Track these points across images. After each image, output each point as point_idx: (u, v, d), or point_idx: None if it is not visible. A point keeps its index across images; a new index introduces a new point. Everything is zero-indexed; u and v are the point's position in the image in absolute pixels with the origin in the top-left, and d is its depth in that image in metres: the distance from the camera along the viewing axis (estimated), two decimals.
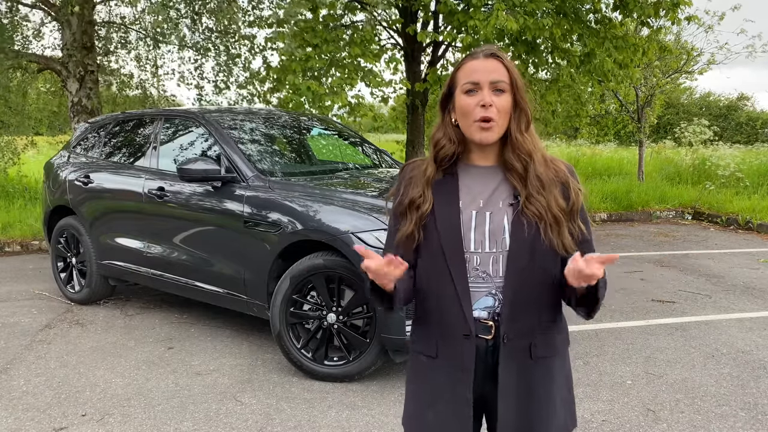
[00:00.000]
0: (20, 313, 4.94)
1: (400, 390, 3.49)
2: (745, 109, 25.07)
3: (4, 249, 7.45)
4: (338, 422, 3.10)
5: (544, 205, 1.46)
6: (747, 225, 8.85)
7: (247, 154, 4.25)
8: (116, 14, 10.43)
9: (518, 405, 1.50)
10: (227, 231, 4.01)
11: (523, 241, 1.46)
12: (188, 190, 4.27)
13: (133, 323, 4.68)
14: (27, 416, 3.18)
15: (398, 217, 1.56)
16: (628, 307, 5.02)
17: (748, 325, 4.56)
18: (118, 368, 3.80)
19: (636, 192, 10.38)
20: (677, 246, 7.70)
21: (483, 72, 1.45)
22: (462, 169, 1.55)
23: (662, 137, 20.45)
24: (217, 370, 3.78)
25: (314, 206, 3.68)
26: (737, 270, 6.31)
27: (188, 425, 3.08)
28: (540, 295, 1.50)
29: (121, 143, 5.21)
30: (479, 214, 1.49)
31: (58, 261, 5.40)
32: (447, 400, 1.52)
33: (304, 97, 6.71)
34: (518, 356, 1.49)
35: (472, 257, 1.49)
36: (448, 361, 1.52)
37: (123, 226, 4.78)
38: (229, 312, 4.67)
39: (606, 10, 7.76)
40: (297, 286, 3.62)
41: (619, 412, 3.20)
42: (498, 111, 1.45)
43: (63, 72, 8.37)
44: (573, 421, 1.61)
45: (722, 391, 3.45)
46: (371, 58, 7.55)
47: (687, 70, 12.21)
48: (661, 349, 4.09)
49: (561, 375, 1.56)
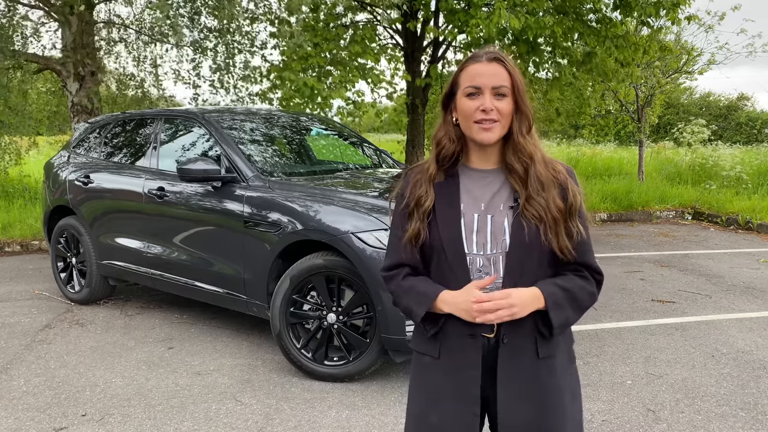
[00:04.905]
0: (20, 313, 4.94)
1: (400, 390, 3.49)
2: (745, 109, 25.08)
3: (4, 249, 7.45)
4: (338, 422, 3.10)
5: (543, 206, 1.47)
6: (747, 225, 8.85)
7: (247, 154, 4.25)
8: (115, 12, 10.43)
9: (523, 405, 1.50)
10: (227, 231, 4.01)
11: (522, 241, 1.47)
12: (188, 190, 4.27)
13: (133, 323, 4.68)
14: (27, 416, 3.18)
15: (406, 219, 1.57)
16: (628, 307, 5.02)
17: (748, 325, 4.56)
18: (118, 368, 3.80)
19: (636, 192, 10.37)
20: (677, 246, 7.70)
21: (485, 77, 1.46)
22: (463, 172, 1.56)
23: (662, 137, 20.45)
24: (217, 370, 3.78)
25: (314, 206, 3.67)
26: (737, 270, 6.31)
27: (188, 425, 3.08)
28: None
29: (121, 143, 5.21)
30: (481, 217, 1.51)
31: (58, 261, 5.40)
32: (452, 400, 1.52)
33: (305, 95, 6.72)
34: (520, 356, 1.50)
35: (474, 259, 1.50)
36: (452, 362, 1.53)
37: (123, 226, 4.79)
38: (229, 312, 4.67)
39: (606, 9, 7.77)
40: (297, 286, 3.62)
41: (619, 412, 3.20)
42: (500, 113, 1.47)
43: (63, 72, 8.36)
44: (581, 419, 1.62)
45: (722, 391, 3.45)
46: (372, 56, 7.56)
47: (687, 70, 12.21)
48: (661, 349, 4.09)
49: (567, 372, 1.57)
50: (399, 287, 1.57)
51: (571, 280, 1.51)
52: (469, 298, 1.43)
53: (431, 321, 1.54)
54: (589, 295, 1.53)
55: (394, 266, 1.60)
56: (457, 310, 1.46)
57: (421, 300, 1.52)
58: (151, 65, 10.75)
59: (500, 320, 1.43)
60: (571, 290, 1.49)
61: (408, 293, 1.55)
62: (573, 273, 1.53)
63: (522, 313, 1.44)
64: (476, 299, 1.41)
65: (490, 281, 1.45)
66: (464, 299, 1.44)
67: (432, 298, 1.50)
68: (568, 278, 1.52)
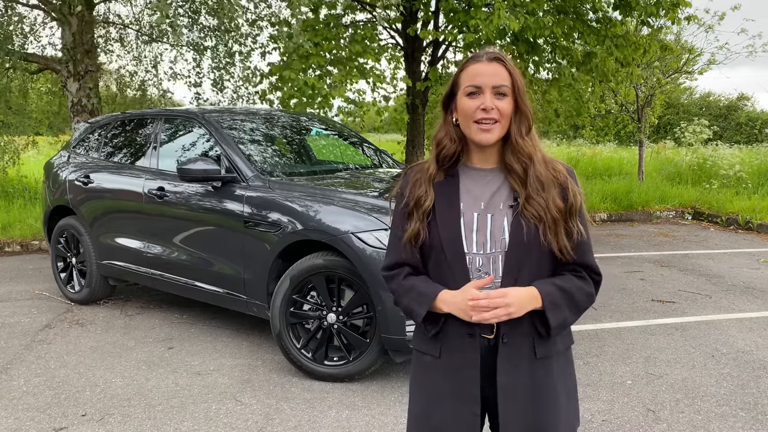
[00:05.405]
0: (20, 313, 4.94)
1: (400, 390, 3.49)
2: (745, 109, 25.07)
3: (4, 249, 7.45)
4: (338, 422, 3.10)
5: (543, 206, 1.47)
6: (747, 225, 8.85)
7: (247, 154, 4.25)
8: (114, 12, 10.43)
9: (521, 405, 1.50)
10: (227, 231, 4.01)
11: (521, 241, 1.47)
12: (188, 190, 4.27)
13: (133, 323, 4.68)
14: (27, 416, 3.18)
15: (405, 218, 1.57)
16: (628, 307, 5.02)
17: (748, 325, 4.56)
18: (118, 368, 3.80)
19: (636, 192, 10.37)
20: (677, 246, 7.70)
21: (486, 76, 1.47)
22: (463, 172, 1.57)
23: (662, 137, 20.45)
24: (217, 370, 3.78)
25: (314, 206, 3.67)
26: (737, 270, 6.31)
27: (188, 425, 3.08)
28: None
29: (121, 143, 5.21)
30: (481, 217, 1.51)
31: (58, 261, 5.40)
32: (453, 400, 1.53)
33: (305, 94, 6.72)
34: (519, 356, 1.50)
35: (474, 258, 1.50)
36: (453, 361, 1.53)
37: (123, 226, 4.78)
38: (229, 312, 4.67)
39: (606, 9, 7.77)
40: (297, 286, 3.62)
41: (619, 412, 3.20)
42: (500, 113, 1.47)
43: (63, 72, 8.36)
44: (577, 421, 1.62)
45: (722, 391, 3.45)
46: (372, 55, 7.56)
47: (687, 70, 12.21)
48: (661, 349, 4.09)
49: (564, 374, 1.57)
50: (400, 287, 1.58)
51: (569, 281, 1.51)
52: (466, 297, 1.43)
53: (432, 321, 1.54)
54: (587, 295, 1.53)
55: (394, 266, 1.60)
56: (455, 310, 1.47)
57: (421, 300, 1.52)
58: (151, 65, 10.76)
59: (497, 320, 1.43)
60: (569, 291, 1.50)
61: (409, 293, 1.55)
62: (571, 273, 1.53)
63: (519, 313, 1.44)
64: (472, 298, 1.41)
65: (488, 281, 1.45)
66: (462, 299, 1.44)
67: (432, 298, 1.50)
68: (566, 278, 1.52)
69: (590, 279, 1.54)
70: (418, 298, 1.53)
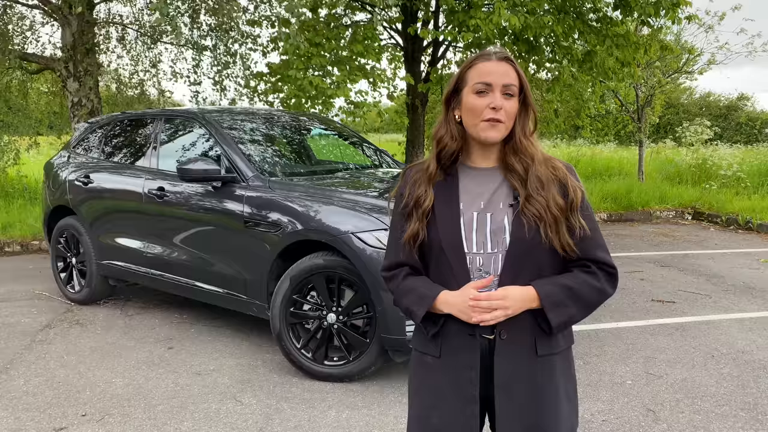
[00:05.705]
0: (20, 313, 4.94)
1: (400, 390, 3.49)
2: (745, 109, 25.06)
3: (4, 249, 7.45)
4: (338, 422, 3.10)
5: (543, 204, 1.46)
6: (747, 225, 8.85)
7: (247, 154, 4.25)
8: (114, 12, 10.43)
9: (520, 405, 1.50)
10: (227, 231, 4.01)
11: (522, 240, 1.47)
12: (188, 190, 4.27)
13: (133, 323, 4.68)
14: (27, 416, 3.18)
15: (405, 219, 1.57)
16: (628, 307, 5.02)
17: (748, 325, 4.56)
18: (118, 368, 3.80)
19: (636, 192, 10.37)
20: (677, 246, 7.70)
21: (497, 75, 1.47)
22: (462, 171, 1.56)
23: (662, 137, 20.44)
24: (217, 370, 3.78)
25: (314, 206, 3.67)
26: (737, 270, 6.31)
27: (188, 425, 3.08)
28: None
29: (121, 143, 5.21)
30: (480, 216, 1.50)
31: (58, 261, 5.40)
32: (453, 400, 1.52)
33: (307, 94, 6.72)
34: (519, 355, 1.50)
35: (474, 258, 1.49)
36: (453, 361, 1.53)
37: (123, 226, 4.78)
38: (229, 312, 4.67)
39: (607, 9, 7.76)
40: (297, 286, 3.62)
41: (619, 412, 3.20)
42: (506, 113, 1.47)
43: (63, 72, 8.36)
44: (577, 421, 1.61)
45: (722, 391, 3.45)
46: (373, 55, 7.57)
47: (687, 70, 12.21)
48: (661, 349, 4.09)
49: (564, 373, 1.56)
50: (399, 287, 1.57)
51: (575, 277, 1.50)
52: (466, 298, 1.43)
53: (431, 321, 1.54)
54: (595, 290, 1.50)
55: (393, 266, 1.60)
56: (455, 311, 1.46)
57: (421, 301, 1.52)
58: (151, 65, 10.76)
59: (496, 321, 1.43)
60: (573, 287, 1.48)
61: (408, 294, 1.55)
62: (579, 269, 1.52)
63: (515, 313, 1.44)
64: (473, 298, 1.41)
65: (488, 281, 1.45)
66: (462, 300, 1.44)
67: (431, 299, 1.50)
68: (572, 275, 1.51)
69: (601, 273, 1.51)
70: (418, 298, 1.52)
